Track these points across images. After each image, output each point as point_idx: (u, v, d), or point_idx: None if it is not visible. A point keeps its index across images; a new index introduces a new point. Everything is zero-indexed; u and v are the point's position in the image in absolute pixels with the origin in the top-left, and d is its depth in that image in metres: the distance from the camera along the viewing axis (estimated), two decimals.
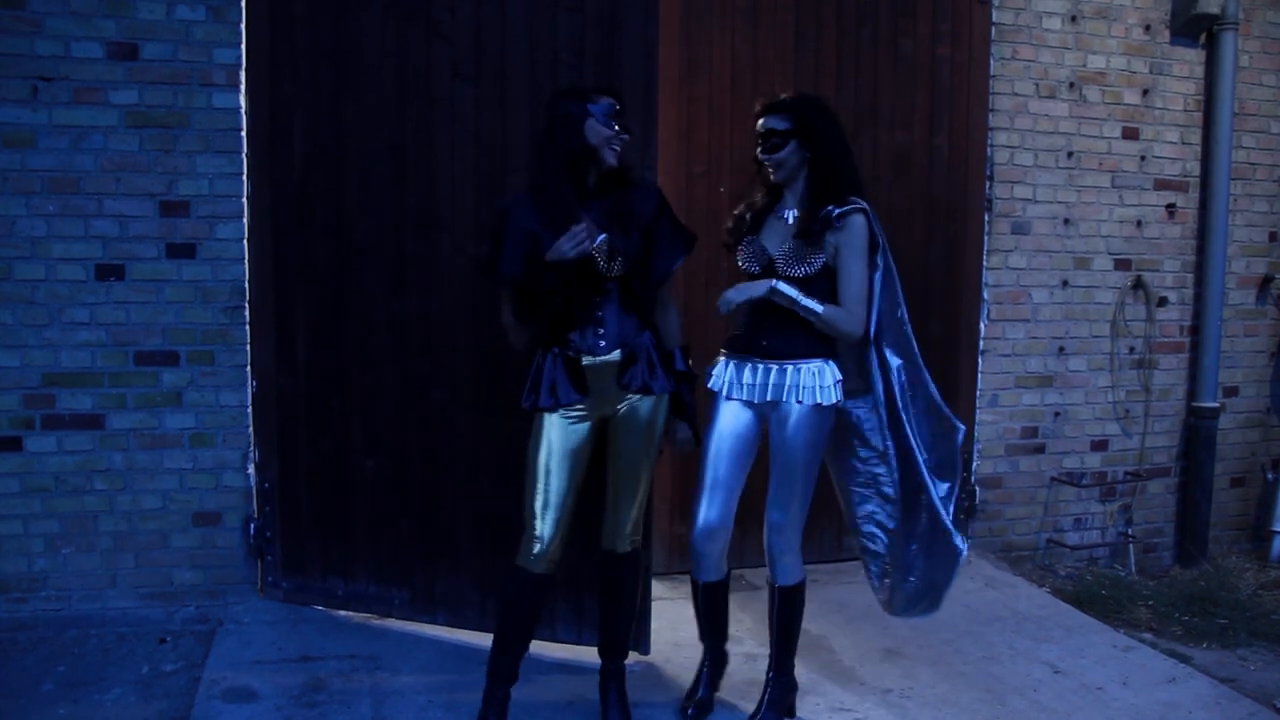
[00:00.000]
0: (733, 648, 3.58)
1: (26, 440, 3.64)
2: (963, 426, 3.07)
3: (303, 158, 3.67)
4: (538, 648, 3.50)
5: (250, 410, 3.78)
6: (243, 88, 3.69)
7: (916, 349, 3.01)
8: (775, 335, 2.90)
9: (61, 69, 3.57)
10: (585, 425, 2.87)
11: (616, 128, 2.79)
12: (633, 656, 3.46)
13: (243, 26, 3.66)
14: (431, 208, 3.56)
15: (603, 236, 2.76)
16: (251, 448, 3.80)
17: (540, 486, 2.82)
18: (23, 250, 3.59)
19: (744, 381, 2.95)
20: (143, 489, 3.74)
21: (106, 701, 3.21)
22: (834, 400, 2.89)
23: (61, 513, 3.68)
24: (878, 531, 3.08)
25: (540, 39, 3.41)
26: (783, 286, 2.85)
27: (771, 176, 2.95)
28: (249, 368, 3.76)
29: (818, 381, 2.88)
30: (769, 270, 2.91)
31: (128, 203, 3.65)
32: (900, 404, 2.94)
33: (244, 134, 3.70)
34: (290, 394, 3.76)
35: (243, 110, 3.70)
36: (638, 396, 2.88)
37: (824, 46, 4.30)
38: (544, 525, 2.81)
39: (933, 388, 3.03)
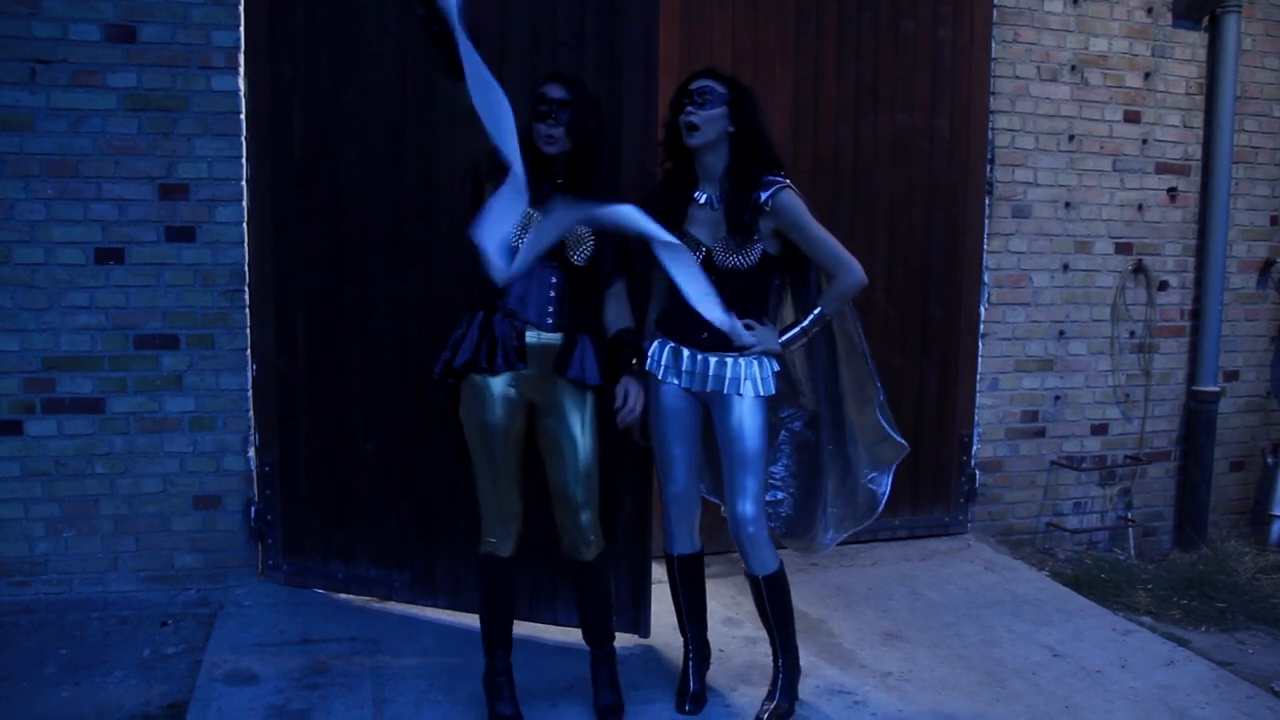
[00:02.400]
0: (732, 630, 3.60)
1: (27, 424, 3.65)
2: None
3: (302, 140, 3.66)
4: (540, 631, 3.52)
5: (250, 393, 3.78)
6: (242, 70, 3.67)
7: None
8: (715, 327, 2.85)
9: (59, 51, 3.55)
10: (517, 398, 2.80)
11: (543, 117, 2.72)
12: (633, 640, 3.48)
13: (241, 8, 3.64)
14: (431, 190, 3.54)
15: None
16: (251, 431, 3.80)
17: (486, 472, 2.81)
18: (22, 234, 3.58)
19: (682, 369, 2.91)
20: (143, 472, 3.74)
21: (108, 684, 3.22)
22: (772, 391, 2.90)
23: (62, 496, 3.69)
24: (780, 491, 3.17)
25: (540, 21, 3.39)
26: (788, 337, 2.90)
27: (688, 138, 2.82)
28: (249, 351, 3.76)
29: (758, 373, 2.87)
30: (706, 263, 2.84)
31: (127, 186, 3.64)
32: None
33: (243, 117, 3.69)
34: (290, 377, 3.76)
35: (242, 93, 3.68)
36: (568, 388, 2.82)
37: (824, 28, 4.28)
38: (502, 505, 2.84)
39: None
